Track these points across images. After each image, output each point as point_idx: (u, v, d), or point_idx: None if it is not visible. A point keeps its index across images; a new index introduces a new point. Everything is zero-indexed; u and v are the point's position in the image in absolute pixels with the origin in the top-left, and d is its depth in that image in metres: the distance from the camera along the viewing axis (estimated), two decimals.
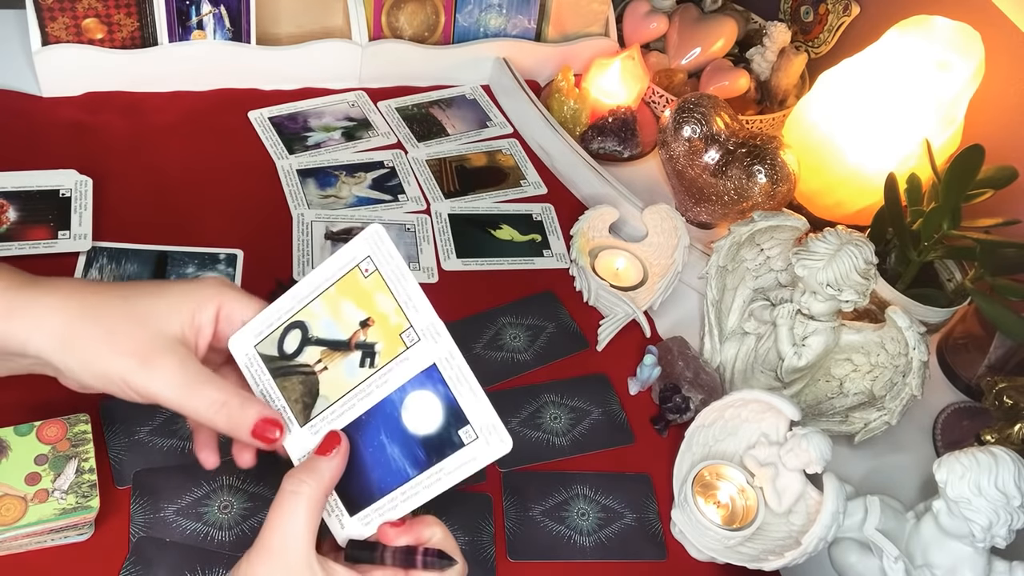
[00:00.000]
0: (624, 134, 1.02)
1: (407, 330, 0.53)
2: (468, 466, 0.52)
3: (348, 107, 1.00)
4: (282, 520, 0.50)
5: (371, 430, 0.54)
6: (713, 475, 0.73)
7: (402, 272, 0.53)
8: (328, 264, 0.55)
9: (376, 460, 0.54)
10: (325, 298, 0.55)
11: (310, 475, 0.51)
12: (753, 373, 0.85)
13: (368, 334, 0.54)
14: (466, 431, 0.52)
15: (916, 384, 0.77)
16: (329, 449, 0.52)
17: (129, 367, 0.51)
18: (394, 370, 0.53)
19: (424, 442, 0.53)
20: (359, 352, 0.54)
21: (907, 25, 0.90)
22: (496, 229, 0.93)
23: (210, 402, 0.52)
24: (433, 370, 0.52)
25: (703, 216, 0.97)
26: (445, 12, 1.02)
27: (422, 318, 0.53)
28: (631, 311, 0.86)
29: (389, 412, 0.53)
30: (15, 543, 0.59)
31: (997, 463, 0.64)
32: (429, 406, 0.53)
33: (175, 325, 0.53)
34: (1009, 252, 0.83)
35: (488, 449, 0.52)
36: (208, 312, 0.54)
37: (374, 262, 0.54)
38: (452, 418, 0.52)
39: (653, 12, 1.12)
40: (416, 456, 0.53)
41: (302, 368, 0.55)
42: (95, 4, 0.87)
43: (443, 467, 0.52)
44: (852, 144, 0.92)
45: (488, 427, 0.52)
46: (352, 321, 0.54)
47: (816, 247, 0.75)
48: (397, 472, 0.53)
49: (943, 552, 0.67)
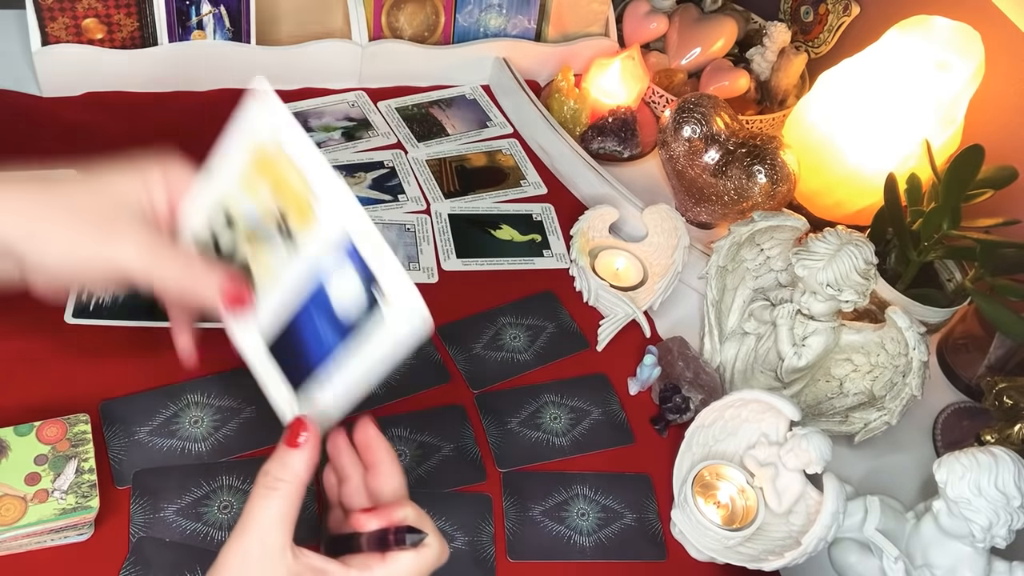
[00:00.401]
0: (624, 134, 1.02)
1: (319, 205, 0.52)
2: (389, 338, 0.52)
3: (348, 107, 1.00)
4: (257, 518, 0.49)
5: (297, 306, 0.54)
6: (713, 475, 0.73)
7: (307, 147, 0.53)
8: (234, 140, 0.55)
9: (306, 334, 0.55)
10: (242, 181, 0.55)
11: (284, 471, 0.50)
12: (753, 373, 0.85)
13: (282, 212, 0.54)
14: (384, 301, 0.51)
15: (916, 384, 0.77)
16: (295, 437, 0.51)
17: (97, 241, 0.52)
18: (311, 246, 0.53)
19: (344, 314, 0.53)
20: (277, 231, 0.54)
21: (907, 25, 0.90)
22: (496, 229, 0.93)
23: (177, 266, 0.53)
24: (350, 245, 0.52)
25: (703, 216, 0.97)
26: (445, 12, 1.02)
27: (333, 193, 0.52)
28: (631, 311, 0.86)
29: (311, 288, 0.54)
30: (15, 543, 0.59)
31: (997, 463, 0.64)
32: (348, 281, 0.52)
33: (131, 195, 0.54)
34: (1009, 252, 0.83)
35: (405, 317, 0.51)
36: (154, 179, 0.55)
37: (277, 137, 0.53)
38: (370, 291, 0.52)
39: (653, 12, 1.12)
40: (340, 327, 0.53)
41: (229, 251, 0.56)
42: (95, 4, 0.87)
43: (367, 338, 0.52)
44: (852, 144, 0.92)
45: (402, 295, 0.51)
46: (268, 201, 0.54)
47: (816, 247, 0.75)
48: (326, 344, 0.54)
49: (943, 552, 0.68)
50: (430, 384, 0.78)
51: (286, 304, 0.55)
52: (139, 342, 0.74)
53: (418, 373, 0.78)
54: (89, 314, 0.74)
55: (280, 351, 0.57)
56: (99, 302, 0.75)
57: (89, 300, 0.75)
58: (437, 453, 0.73)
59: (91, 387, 0.70)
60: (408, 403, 0.76)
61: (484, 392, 0.79)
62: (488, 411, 0.77)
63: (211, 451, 0.69)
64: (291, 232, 0.54)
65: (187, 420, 0.70)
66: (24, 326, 0.72)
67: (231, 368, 0.74)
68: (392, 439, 0.73)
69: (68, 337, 0.73)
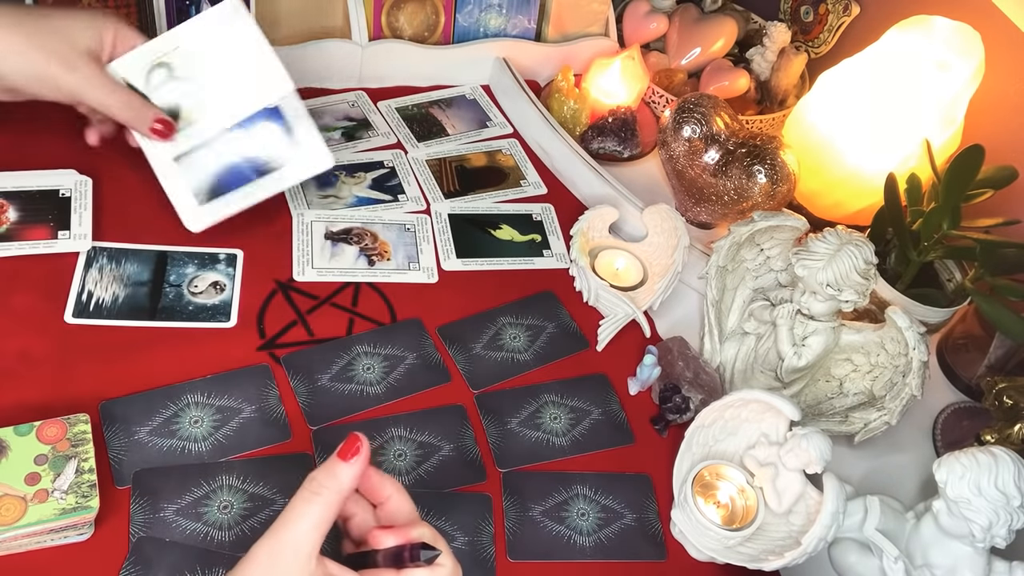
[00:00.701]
0: (624, 134, 1.02)
1: (259, 79, 0.78)
2: (297, 172, 0.80)
3: (348, 107, 1.00)
4: (296, 520, 0.51)
5: (225, 146, 0.78)
6: (713, 475, 0.73)
7: (256, 38, 0.78)
8: (196, 22, 0.77)
9: (228, 167, 0.78)
10: (194, 52, 0.77)
11: (330, 480, 0.52)
12: (753, 373, 0.85)
13: (226, 77, 0.78)
14: (296, 150, 0.79)
15: (916, 384, 0.77)
16: (349, 452, 0.53)
17: (60, 71, 0.69)
18: (244, 104, 0.78)
19: (264, 155, 0.79)
20: (216, 90, 0.77)
21: (907, 25, 0.90)
22: (496, 229, 0.93)
23: (122, 100, 0.73)
24: (276, 109, 0.79)
25: (703, 216, 0.97)
26: (445, 12, 1.02)
27: (271, 70, 0.78)
28: (631, 311, 0.86)
29: (239, 135, 0.78)
30: (15, 543, 0.59)
31: (997, 463, 0.64)
32: (271, 132, 0.79)
33: (87, 40, 0.71)
34: (1009, 252, 0.83)
35: (313, 158, 0.80)
36: (109, 34, 0.72)
37: (232, 28, 0.77)
38: (288, 141, 0.79)
39: (653, 12, 1.12)
40: (258, 166, 0.79)
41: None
42: (95, 4, 0.87)
43: (281, 175, 0.79)
44: (852, 144, 0.92)
45: (314, 147, 0.79)
46: (212, 70, 0.78)
47: (816, 247, 0.75)
48: (242, 176, 0.78)
49: (943, 552, 0.68)
50: (430, 384, 0.78)
51: (208, 140, 0.78)
52: (139, 342, 0.74)
53: (418, 373, 0.78)
54: (89, 314, 0.74)
55: (194, 171, 0.78)
56: (99, 302, 0.75)
57: (89, 300, 0.75)
58: (437, 453, 0.74)
59: (91, 387, 0.70)
60: (408, 403, 0.76)
61: (484, 392, 0.79)
62: (488, 411, 0.77)
63: (211, 451, 0.69)
64: (229, 94, 0.78)
65: (187, 420, 0.70)
66: (24, 326, 0.72)
67: (231, 368, 0.74)
68: (392, 439, 0.73)
69: (68, 337, 0.73)
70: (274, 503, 0.67)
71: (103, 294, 0.76)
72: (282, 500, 0.67)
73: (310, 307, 0.81)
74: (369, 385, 0.76)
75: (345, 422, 0.74)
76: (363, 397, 0.75)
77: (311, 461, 0.70)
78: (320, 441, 0.72)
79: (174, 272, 0.79)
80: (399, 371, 0.78)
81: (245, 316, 0.78)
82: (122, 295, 0.76)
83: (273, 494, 0.68)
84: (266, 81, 0.78)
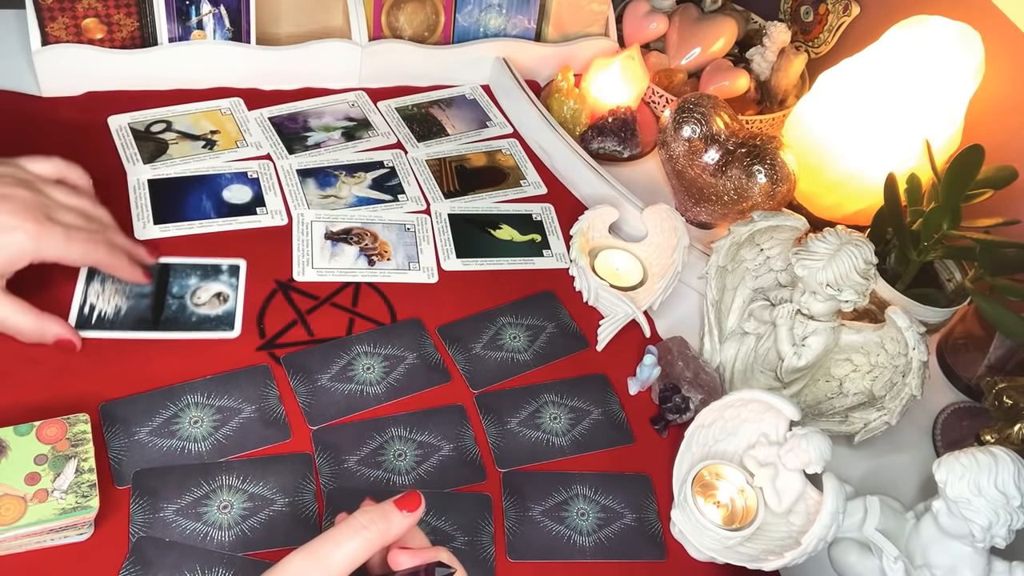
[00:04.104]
0: (624, 134, 1.02)
1: (242, 142, 0.89)
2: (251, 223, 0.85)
3: (348, 107, 1.00)
4: (336, 545, 0.51)
5: (200, 188, 0.85)
6: (713, 475, 0.73)
7: None
8: None
9: (194, 204, 0.84)
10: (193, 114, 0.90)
11: (382, 522, 0.52)
12: (753, 373, 0.85)
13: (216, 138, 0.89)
14: (261, 209, 0.86)
15: (916, 384, 0.77)
16: (408, 505, 0.53)
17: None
18: (226, 159, 0.88)
19: (230, 206, 0.85)
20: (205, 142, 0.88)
21: (907, 25, 0.90)
22: (496, 229, 0.93)
23: (29, 320, 0.70)
24: (247, 175, 0.88)
25: (703, 216, 0.97)
26: (445, 12, 1.02)
27: (253, 138, 0.90)
28: (631, 311, 0.86)
29: (216, 184, 0.86)
30: (15, 543, 0.59)
31: (997, 463, 0.64)
32: (241, 191, 0.86)
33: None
34: (1009, 252, 0.83)
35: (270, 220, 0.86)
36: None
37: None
38: (253, 201, 0.86)
39: (653, 12, 1.12)
40: (220, 210, 0.84)
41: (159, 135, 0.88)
42: (95, 4, 0.87)
43: (233, 220, 0.84)
44: (852, 144, 0.92)
45: (275, 212, 0.86)
46: (206, 129, 0.90)
47: (816, 247, 0.75)
48: (203, 212, 0.84)
49: (943, 552, 0.68)
50: (430, 384, 0.78)
51: (193, 179, 0.86)
52: (140, 348, 0.74)
53: (418, 373, 0.78)
54: (91, 326, 0.74)
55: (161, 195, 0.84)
56: (101, 314, 0.75)
57: (91, 313, 0.74)
58: (437, 453, 0.74)
59: (91, 387, 0.70)
60: (408, 403, 0.76)
61: (484, 392, 0.79)
62: (488, 411, 0.77)
63: (211, 451, 0.69)
64: (215, 143, 0.88)
65: (187, 420, 0.70)
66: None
67: (231, 368, 0.74)
68: (392, 439, 0.73)
69: (69, 346, 0.72)
70: (274, 503, 0.67)
71: (105, 306, 0.75)
72: (282, 500, 0.67)
73: (310, 307, 0.81)
74: (369, 385, 0.76)
75: (345, 422, 0.74)
76: (363, 397, 0.75)
77: (311, 461, 0.70)
78: (320, 441, 0.72)
79: (176, 283, 0.79)
80: (399, 371, 0.78)
81: (245, 317, 0.78)
82: (124, 307, 0.76)
83: (273, 494, 0.68)
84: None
